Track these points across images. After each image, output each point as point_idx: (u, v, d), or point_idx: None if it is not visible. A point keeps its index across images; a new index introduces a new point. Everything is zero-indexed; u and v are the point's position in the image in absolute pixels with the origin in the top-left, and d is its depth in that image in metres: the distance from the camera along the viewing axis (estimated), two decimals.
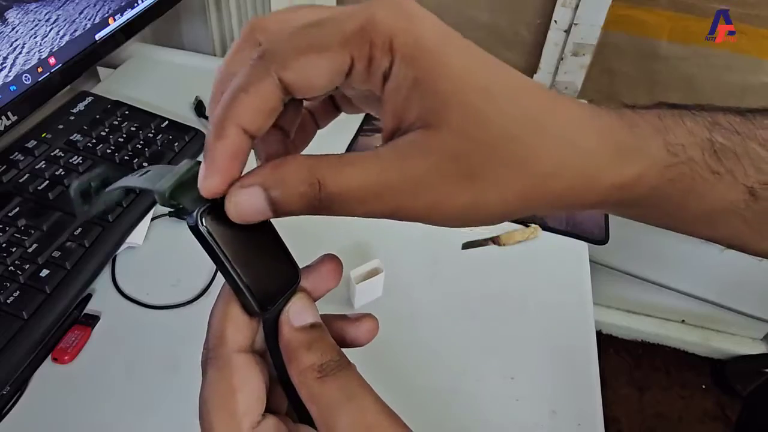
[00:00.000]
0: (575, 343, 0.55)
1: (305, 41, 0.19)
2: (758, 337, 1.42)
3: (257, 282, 0.23)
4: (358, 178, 0.19)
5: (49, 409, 0.47)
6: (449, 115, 0.19)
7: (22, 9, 0.55)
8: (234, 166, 0.20)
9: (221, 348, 0.23)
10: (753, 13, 0.94)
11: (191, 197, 0.22)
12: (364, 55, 0.19)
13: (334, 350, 0.23)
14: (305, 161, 0.20)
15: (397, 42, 0.19)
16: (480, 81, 0.19)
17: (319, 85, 0.19)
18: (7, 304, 0.48)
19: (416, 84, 0.19)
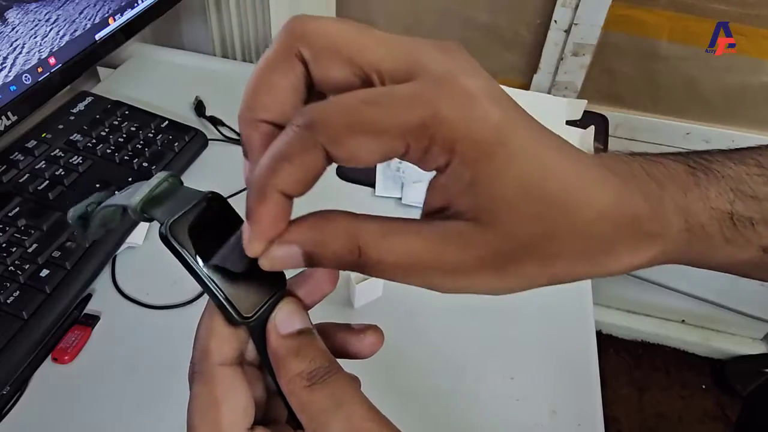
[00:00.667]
0: (575, 343, 0.55)
1: (360, 121, 0.18)
2: (758, 337, 1.42)
3: (237, 290, 0.22)
4: (399, 253, 0.20)
5: (49, 409, 0.47)
6: (499, 217, 0.19)
7: (22, 9, 0.55)
8: (277, 227, 0.20)
9: (205, 362, 0.23)
10: (753, 14, 0.93)
11: (163, 209, 0.22)
12: (421, 147, 0.19)
13: (324, 356, 0.22)
14: (346, 224, 0.20)
15: (458, 146, 0.18)
16: (533, 189, 0.19)
17: (367, 162, 0.19)
18: (7, 304, 0.48)
19: (472, 184, 0.19)
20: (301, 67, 0.21)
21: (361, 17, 1.13)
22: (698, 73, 1.03)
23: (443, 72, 0.19)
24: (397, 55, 0.20)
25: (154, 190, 0.23)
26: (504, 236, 0.19)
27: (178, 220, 0.21)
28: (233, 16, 0.91)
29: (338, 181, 0.70)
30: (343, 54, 0.20)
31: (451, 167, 0.19)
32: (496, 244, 0.20)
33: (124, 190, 0.25)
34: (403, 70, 0.19)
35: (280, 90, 0.21)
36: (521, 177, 0.19)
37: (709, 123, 1.09)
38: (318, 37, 0.20)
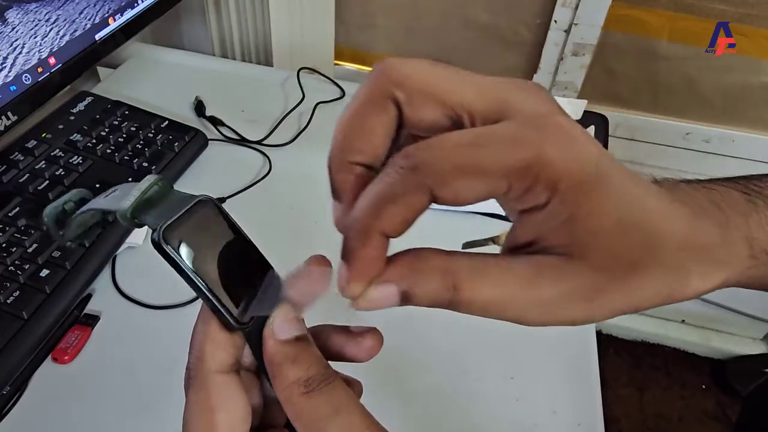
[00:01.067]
0: (575, 343, 0.55)
1: (467, 162, 0.19)
2: (758, 337, 1.42)
3: (232, 296, 0.22)
4: (492, 292, 0.20)
5: (49, 409, 0.47)
6: (593, 252, 0.20)
7: (22, 9, 0.55)
8: (377, 269, 0.21)
9: (200, 368, 0.23)
10: (753, 14, 0.94)
11: (154, 214, 0.22)
12: (524, 186, 0.19)
13: (320, 363, 0.22)
14: (442, 263, 0.21)
15: (562, 185, 0.19)
16: (630, 218, 0.20)
17: (470, 201, 0.20)
18: (7, 304, 0.48)
19: (570, 219, 0.20)
20: (394, 110, 0.21)
21: (361, 17, 1.13)
22: (698, 73, 1.03)
23: (535, 112, 0.20)
24: (488, 96, 0.20)
25: (145, 194, 0.22)
26: (596, 269, 0.20)
27: (170, 225, 0.21)
28: (232, 16, 0.91)
29: None
30: (436, 96, 0.20)
31: (550, 205, 0.19)
32: (587, 277, 0.20)
33: (107, 193, 0.24)
34: (494, 111, 0.20)
35: (375, 133, 0.21)
36: (617, 213, 0.20)
37: (709, 123, 1.09)
38: (412, 80, 0.20)
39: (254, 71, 0.88)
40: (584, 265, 0.20)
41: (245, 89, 0.84)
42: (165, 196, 0.23)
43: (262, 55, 0.95)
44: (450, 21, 1.09)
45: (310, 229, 0.64)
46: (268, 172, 0.70)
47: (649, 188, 0.21)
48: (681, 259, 0.21)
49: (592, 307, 0.21)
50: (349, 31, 1.15)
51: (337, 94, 0.84)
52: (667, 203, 0.21)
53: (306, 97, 0.82)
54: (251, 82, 0.85)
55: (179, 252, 0.21)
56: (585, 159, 0.19)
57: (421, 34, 1.13)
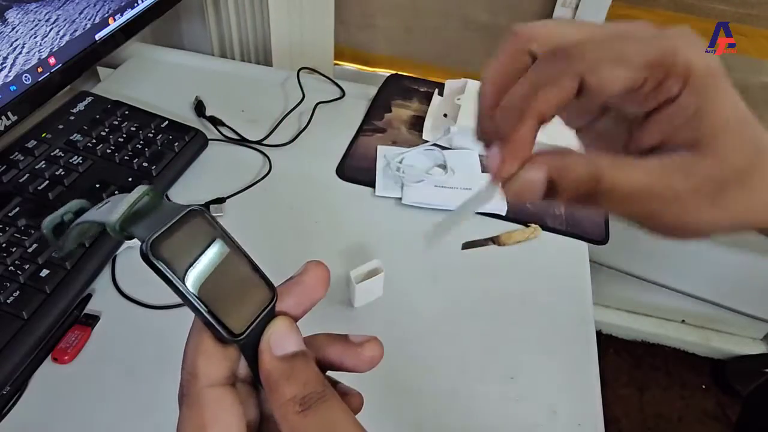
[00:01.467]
0: (575, 343, 0.55)
1: (613, 53, 0.21)
2: (758, 337, 1.42)
3: (225, 307, 0.21)
4: (631, 181, 0.22)
5: (49, 409, 0.47)
6: (719, 145, 0.21)
7: (22, 9, 0.55)
8: (529, 151, 0.22)
9: (193, 383, 0.22)
10: (753, 14, 0.94)
11: (143, 226, 0.21)
12: (657, 79, 0.21)
13: (317, 380, 0.22)
14: (587, 155, 0.22)
15: (693, 77, 0.21)
16: (746, 117, 0.22)
17: (611, 92, 0.21)
18: (7, 304, 0.48)
19: (698, 113, 0.21)
20: (530, 62, 0.23)
21: (360, 17, 1.13)
22: None
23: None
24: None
25: (134, 206, 0.22)
26: (722, 161, 0.21)
27: (159, 237, 0.20)
28: (232, 16, 0.91)
29: (338, 181, 0.70)
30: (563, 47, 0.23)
31: (681, 97, 0.21)
32: (713, 171, 0.21)
33: (101, 204, 0.24)
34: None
35: (513, 68, 0.24)
36: (737, 110, 0.22)
37: None
38: (545, 36, 0.23)
39: (254, 71, 0.88)
40: (711, 158, 0.21)
41: (245, 89, 0.84)
42: (155, 208, 0.23)
43: (261, 55, 0.95)
44: (450, 21, 1.09)
45: (310, 229, 0.64)
46: (268, 172, 0.70)
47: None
48: None
49: (716, 208, 0.22)
50: (348, 31, 1.15)
51: (337, 94, 0.84)
52: None
53: (306, 97, 0.82)
54: (251, 82, 0.85)
55: (168, 264, 0.20)
56: (712, 59, 0.22)
57: (421, 34, 1.13)
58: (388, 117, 0.80)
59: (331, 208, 0.67)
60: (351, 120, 0.79)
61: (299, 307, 0.24)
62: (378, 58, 1.19)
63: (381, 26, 1.14)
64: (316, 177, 0.71)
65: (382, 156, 0.72)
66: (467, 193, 0.68)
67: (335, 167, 0.71)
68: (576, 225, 0.66)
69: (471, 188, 0.68)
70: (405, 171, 0.69)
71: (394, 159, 0.71)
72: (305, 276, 0.24)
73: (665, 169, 0.22)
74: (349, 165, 0.72)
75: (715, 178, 0.21)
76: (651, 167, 0.22)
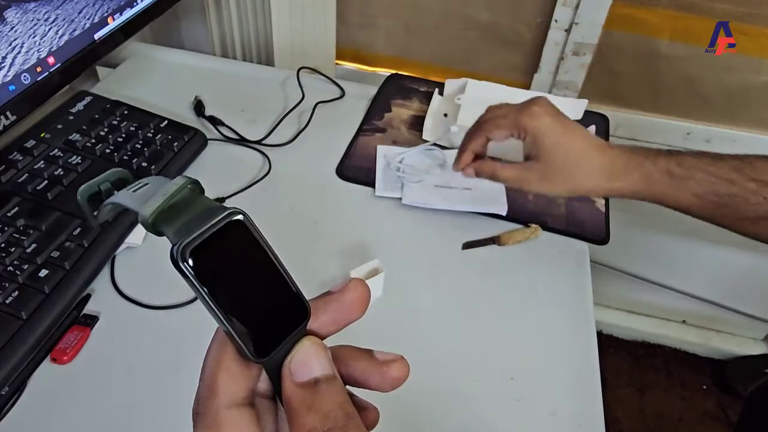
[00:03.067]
0: (575, 343, 0.55)
1: (498, 122, 0.57)
2: (759, 338, 1.42)
3: (254, 324, 0.20)
4: (511, 174, 0.57)
5: (48, 410, 0.47)
6: (545, 159, 0.54)
7: (21, 8, 0.55)
8: (467, 163, 0.60)
9: (211, 401, 0.21)
10: (755, 13, 0.93)
11: (176, 226, 0.19)
12: (517, 132, 0.56)
13: (341, 411, 0.20)
14: (491, 165, 0.58)
15: (528, 131, 0.55)
16: (560, 145, 0.54)
17: (500, 139, 0.57)
18: (6, 304, 0.48)
19: (534, 144, 0.55)
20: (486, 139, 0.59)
21: (361, 17, 1.13)
22: (699, 73, 1.03)
23: (529, 106, 0.56)
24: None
25: (171, 198, 0.20)
26: (546, 167, 0.54)
27: (191, 242, 0.19)
28: (233, 16, 0.91)
29: (338, 181, 0.70)
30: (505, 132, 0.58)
31: (527, 139, 0.55)
32: (542, 169, 0.55)
33: (139, 184, 0.22)
34: None
35: (482, 144, 0.60)
36: (554, 141, 0.54)
37: (709, 122, 1.09)
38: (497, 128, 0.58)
39: (254, 71, 0.88)
40: (541, 163, 0.54)
41: (244, 89, 0.84)
42: (192, 204, 0.21)
43: (262, 54, 0.95)
44: (450, 20, 1.09)
45: (310, 229, 0.64)
46: (268, 172, 0.70)
47: (582, 137, 0.55)
48: (597, 171, 0.54)
49: (548, 183, 0.55)
50: (349, 30, 1.15)
51: (337, 93, 0.84)
52: (591, 145, 0.54)
53: (306, 97, 0.82)
54: (251, 82, 0.85)
55: (197, 274, 0.19)
56: (539, 123, 0.54)
57: (421, 34, 1.12)
58: (388, 117, 0.80)
59: (331, 208, 0.66)
60: (351, 120, 0.79)
61: (333, 325, 0.23)
62: (378, 58, 1.18)
63: (382, 26, 1.13)
64: (316, 177, 0.70)
65: (382, 156, 0.72)
66: (467, 193, 0.68)
67: (335, 167, 0.71)
68: (576, 225, 0.66)
69: (471, 188, 0.68)
70: (405, 171, 0.69)
71: (394, 159, 0.71)
72: (345, 294, 0.23)
73: (527, 167, 0.56)
74: (349, 165, 0.72)
75: (544, 172, 0.55)
76: (522, 166, 0.56)
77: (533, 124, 0.54)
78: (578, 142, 0.54)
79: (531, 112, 0.54)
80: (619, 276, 1.32)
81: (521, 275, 0.61)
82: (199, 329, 0.24)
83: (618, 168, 0.53)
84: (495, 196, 0.67)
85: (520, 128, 0.55)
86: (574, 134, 0.54)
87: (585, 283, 0.60)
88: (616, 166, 0.53)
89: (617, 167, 0.53)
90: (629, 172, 0.53)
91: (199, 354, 0.23)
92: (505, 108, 0.57)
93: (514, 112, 0.55)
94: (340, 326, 0.23)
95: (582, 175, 0.54)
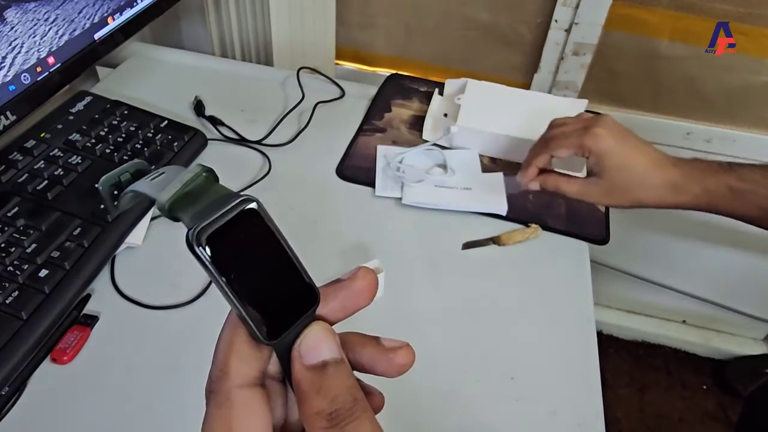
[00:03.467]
0: (575, 343, 0.55)
1: (562, 143, 0.59)
2: (759, 338, 1.41)
3: (265, 307, 0.20)
4: (574, 188, 0.60)
5: (48, 410, 0.46)
6: (608, 177, 0.57)
7: (21, 8, 0.55)
8: (533, 176, 0.62)
9: (223, 381, 0.21)
10: (755, 13, 0.93)
11: (192, 211, 0.20)
12: (581, 152, 0.57)
13: (349, 394, 0.21)
14: (557, 177, 0.61)
15: (591, 152, 0.57)
16: (623, 166, 0.56)
17: (563, 156, 0.59)
18: (6, 304, 0.48)
19: (596, 163, 0.57)
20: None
21: (361, 17, 1.13)
22: (699, 73, 1.03)
23: (591, 125, 0.58)
24: None
25: (187, 186, 0.21)
26: (611, 183, 0.57)
27: (207, 227, 0.19)
28: (232, 16, 0.91)
29: (338, 181, 0.70)
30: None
31: (590, 158, 0.57)
32: (608, 185, 0.57)
33: (157, 173, 0.23)
34: None
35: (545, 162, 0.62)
36: (617, 164, 0.56)
37: (710, 123, 1.09)
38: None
39: (254, 71, 0.88)
40: (604, 180, 0.57)
41: (245, 89, 0.84)
42: (207, 191, 0.21)
43: (262, 54, 0.95)
44: (450, 20, 1.09)
45: (310, 229, 0.64)
46: (268, 172, 0.70)
47: (644, 154, 0.57)
48: (660, 185, 0.56)
49: (611, 199, 0.59)
50: (349, 30, 1.15)
51: (337, 93, 0.84)
52: (653, 162, 0.56)
53: (306, 97, 0.82)
54: (251, 82, 0.85)
55: (212, 257, 0.19)
56: (603, 145, 0.56)
57: (421, 34, 1.12)
58: (388, 117, 0.80)
59: (331, 208, 0.66)
60: (351, 120, 0.79)
61: (341, 312, 0.23)
62: (378, 58, 1.18)
63: (381, 26, 1.13)
64: (316, 177, 0.70)
65: (382, 156, 0.72)
66: (467, 193, 0.68)
67: (335, 167, 0.71)
68: (576, 225, 0.66)
69: (471, 188, 0.68)
70: (405, 171, 0.69)
71: (394, 159, 0.71)
72: (354, 282, 0.24)
73: (591, 182, 0.58)
74: (349, 165, 0.72)
75: (606, 187, 0.57)
76: (584, 182, 0.59)
77: (597, 146, 0.55)
78: (640, 159, 0.56)
79: (595, 135, 0.56)
80: (619, 276, 1.32)
81: (521, 275, 0.61)
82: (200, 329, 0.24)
83: (679, 184, 0.55)
84: (495, 196, 0.67)
85: (584, 149, 0.56)
86: (636, 153, 0.56)
87: (585, 283, 0.60)
88: (678, 182, 0.55)
89: (678, 183, 0.55)
90: (691, 187, 0.55)
91: (199, 354, 0.23)
92: (569, 126, 0.59)
93: (578, 132, 0.57)
94: (349, 313, 0.24)
95: (644, 191, 0.56)
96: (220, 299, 0.20)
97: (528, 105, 0.76)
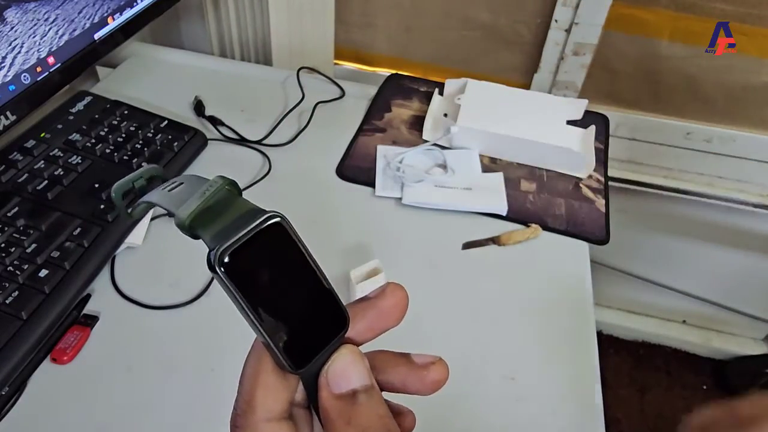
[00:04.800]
0: (575, 343, 0.55)
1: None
2: (759, 338, 1.41)
3: (292, 333, 0.19)
4: None
5: (48, 410, 0.46)
6: None
7: (21, 8, 0.55)
8: None
9: (249, 416, 0.20)
10: (755, 13, 0.93)
11: (214, 229, 0.19)
12: None
13: (381, 424, 0.20)
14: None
15: None
16: None
17: None
18: (6, 304, 0.48)
19: None
20: None
21: (361, 17, 1.13)
22: (699, 73, 1.03)
23: None
24: None
25: (208, 200, 0.19)
26: None
27: (229, 247, 0.18)
28: (232, 16, 0.91)
29: (338, 181, 0.70)
30: None
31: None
32: None
33: (174, 183, 0.22)
34: None
35: None
36: None
37: (710, 122, 1.09)
38: None
39: (253, 71, 0.88)
40: None
41: (245, 89, 0.84)
42: (229, 206, 0.20)
43: (261, 54, 0.95)
44: (450, 21, 1.09)
45: (310, 229, 0.64)
46: (268, 172, 0.70)
47: None
48: None
49: None
50: (349, 30, 1.15)
51: (337, 93, 0.84)
52: None
53: (306, 97, 0.82)
54: (251, 82, 0.85)
55: (236, 281, 0.18)
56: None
57: (421, 34, 1.12)
58: (388, 117, 0.80)
59: (330, 208, 0.66)
60: (351, 120, 0.79)
61: (369, 332, 0.22)
62: (378, 58, 1.18)
63: (381, 26, 1.13)
64: (315, 177, 0.70)
65: (382, 156, 0.72)
66: (467, 193, 0.68)
67: (335, 167, 0.71)
68: (576, 225, 0.66)
69: (471, 188, 0.68)
70: (405, 171, 0.69)
71: (394, 159, 0.71)
72: (383, 300, 0.22)
73: None
74: (349, 165, 0.72)
75: None
76: None
77: None
78: None
79: None
80: (619, 276, 1.32)
81: (521, 275, 0.61)
82: (200, 329, 0.24)
83: None
84: (495, 196, 0.67)
85: None
86: None
87: (585, 284, 0.60)
88: None
89: None
90: None
91: (199, 354, 0.23)
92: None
93: None
94: (377, 333, 0.22)
95: None
96: (220, 299, 0.20)
97: (528, 105, 0.76)
